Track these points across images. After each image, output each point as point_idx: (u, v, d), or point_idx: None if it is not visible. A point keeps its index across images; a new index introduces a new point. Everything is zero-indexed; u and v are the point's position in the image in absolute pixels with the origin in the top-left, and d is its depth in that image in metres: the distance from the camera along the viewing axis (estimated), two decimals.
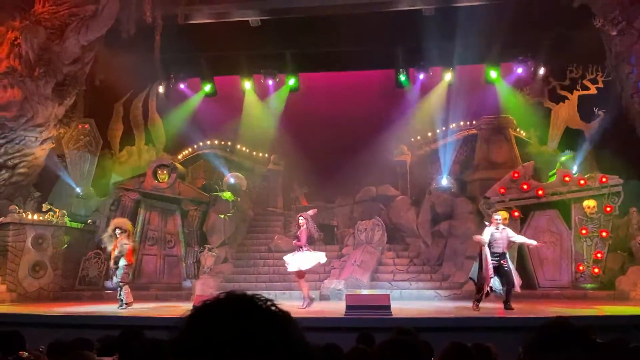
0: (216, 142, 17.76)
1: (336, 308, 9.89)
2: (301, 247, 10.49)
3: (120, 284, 10.60)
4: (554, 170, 13.93)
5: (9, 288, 12.84)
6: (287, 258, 10.73)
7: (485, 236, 9.84)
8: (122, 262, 10.56)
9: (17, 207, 13.55)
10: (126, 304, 10.44)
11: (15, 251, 13.19)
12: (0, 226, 13.23)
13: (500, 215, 10.47)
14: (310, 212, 11.28)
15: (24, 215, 13.51)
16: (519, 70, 16.63)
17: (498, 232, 9.91)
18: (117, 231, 10.60)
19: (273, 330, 0.94)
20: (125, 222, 11.11)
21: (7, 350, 2.58)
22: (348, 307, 8.62)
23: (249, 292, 1.00)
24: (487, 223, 10.37)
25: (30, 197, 14.67)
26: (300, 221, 10.78)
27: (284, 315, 0.98)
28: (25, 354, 2.63)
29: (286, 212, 17.67)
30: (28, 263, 13.30)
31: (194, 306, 1.00)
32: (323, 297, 12.97)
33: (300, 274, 10.63)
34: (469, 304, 10.51)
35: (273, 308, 0.98)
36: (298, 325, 0.99)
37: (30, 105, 13.90)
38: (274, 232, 16.21)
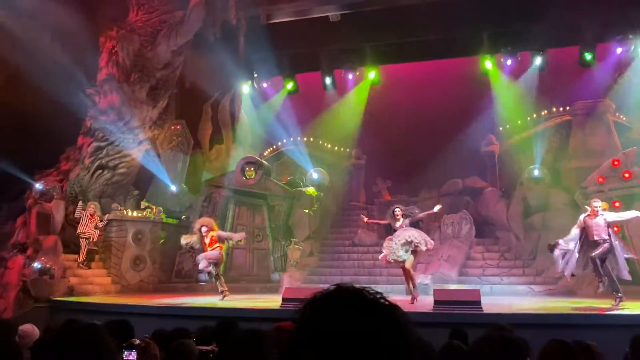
0: (299, 138, 18.07)
1: (423, 303, 9.77)
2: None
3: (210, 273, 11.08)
4: None
5: (113, 280, 13.81)
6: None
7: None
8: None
9: (118, 205, 14.51)
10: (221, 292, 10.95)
11: (118, 246, 14.15)
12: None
13: (598, 203, 9.70)
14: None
15: (125, 213, 14.44)
16: (618, 50, 15.46)
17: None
18: (203, 229, 11.13)
19: (387, 323, 0.96)
20: (209, 221, 11.60)
21: (119, 337, 2.80)
22: (436, 302, 8.49)
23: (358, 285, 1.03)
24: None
25: (129, 196, 15.63)
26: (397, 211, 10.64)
27: (395, 307, 1.01)
28: (137, 340, 2.84)
29: (369, 206, 17.67)
30: (129, 257, 14.21)
31: (305, 300, 1.04)
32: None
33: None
34: (565, 299, 9.99)
35: (383, 301, 1.00)
36: (409, 317, 1.01)
37: (127, 109, 14.83)
38: (357, 226, 16.27)
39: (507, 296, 11.68)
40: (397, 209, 10.53)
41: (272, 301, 10.62)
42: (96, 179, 14.95)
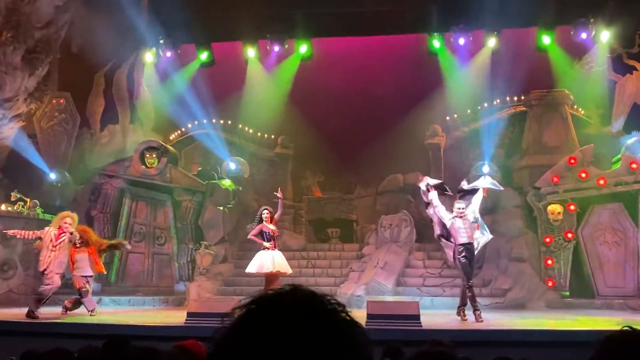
0: (214, 120, 17.82)
1: (356, 317, 9.93)
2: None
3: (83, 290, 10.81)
4: (619, 156, 13.76)
5: None
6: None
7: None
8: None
9: None
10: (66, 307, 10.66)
11: None
12: None
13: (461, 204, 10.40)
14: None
15: None
16: (581, 35, 16.30)
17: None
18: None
19: (347, 344, 0.94)
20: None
21: None
22: (370, 317, 8.65)
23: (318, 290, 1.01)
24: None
25: None
26: (264, 215, 11.13)
27: (358, 325, 0.98)
28: None
29: (296, 204, 17.75)
30: None
31: (246, 301, 0.98)
32: None
33: (271, 278, 10.83)
34: (515, 314, 10.50)
35: (345, 315, 0.97)
36: (369, 337, 0.99)
37: None
38: (281, 228, 16.11)
39: (450, 310, 12.04)
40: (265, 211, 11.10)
41: (174, 317, 10.46)
42: None
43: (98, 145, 17.17)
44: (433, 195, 10.45)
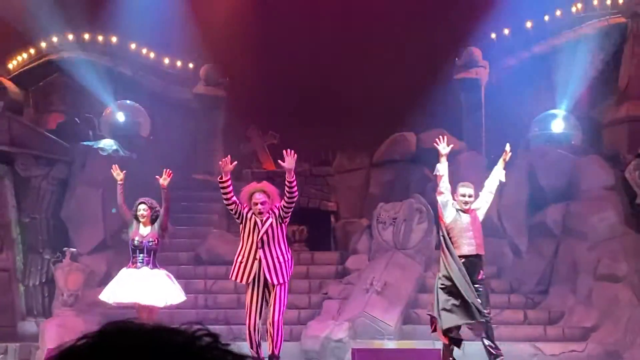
0: (87, 36, 17.85)
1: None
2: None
3: None
4: None
5: None
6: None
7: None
8: None
9: None
10: None
11: None
12: None
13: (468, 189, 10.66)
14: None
15: None
16: None
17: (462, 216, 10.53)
18: None
19: None
20: None
21: None
22: None
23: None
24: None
25: None
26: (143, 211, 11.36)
27: None
28: None
29: (234, 182, 17.48)
30: None
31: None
32: (307, 356, 13.45)
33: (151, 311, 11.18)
34: None
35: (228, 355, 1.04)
36: None
37: None
38: (207, 225, 16.56)
39: None
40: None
41: None
42: None
43: None
44: (443, 169, 10.63)
